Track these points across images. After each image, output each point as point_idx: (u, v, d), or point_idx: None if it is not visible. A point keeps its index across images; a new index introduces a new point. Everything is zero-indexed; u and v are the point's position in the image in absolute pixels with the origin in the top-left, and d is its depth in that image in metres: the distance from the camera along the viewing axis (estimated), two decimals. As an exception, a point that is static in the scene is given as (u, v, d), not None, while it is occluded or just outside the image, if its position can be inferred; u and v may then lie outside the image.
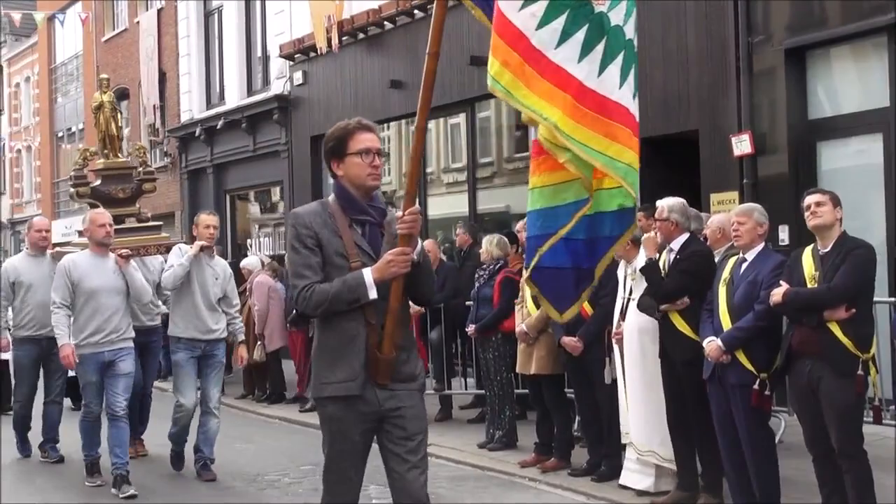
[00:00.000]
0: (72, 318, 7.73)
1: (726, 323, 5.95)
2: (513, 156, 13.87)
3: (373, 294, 3.95)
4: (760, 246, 6.04)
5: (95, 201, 9.83)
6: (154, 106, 22.96)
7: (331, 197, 4.18)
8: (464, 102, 13.85)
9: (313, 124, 17.06)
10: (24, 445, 9.31)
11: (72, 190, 10.31)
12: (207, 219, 8.08)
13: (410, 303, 4.26)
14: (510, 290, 8.64)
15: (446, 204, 14.88)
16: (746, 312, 5.87)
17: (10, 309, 9.00)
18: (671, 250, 6.59)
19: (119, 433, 7.63)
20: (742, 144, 9.64)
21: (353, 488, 4.16)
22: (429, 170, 15.03)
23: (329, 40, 15.40)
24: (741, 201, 9.10)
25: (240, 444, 9.65)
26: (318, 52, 16.21)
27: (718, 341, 5.92)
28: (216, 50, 21.02)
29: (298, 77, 17.35)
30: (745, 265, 6.00)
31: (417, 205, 4.04)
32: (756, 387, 5.80)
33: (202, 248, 7.91)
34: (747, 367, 5.86)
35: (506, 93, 4.46)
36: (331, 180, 4.19)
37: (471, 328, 9.02)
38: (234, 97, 19.74)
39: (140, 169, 10.32)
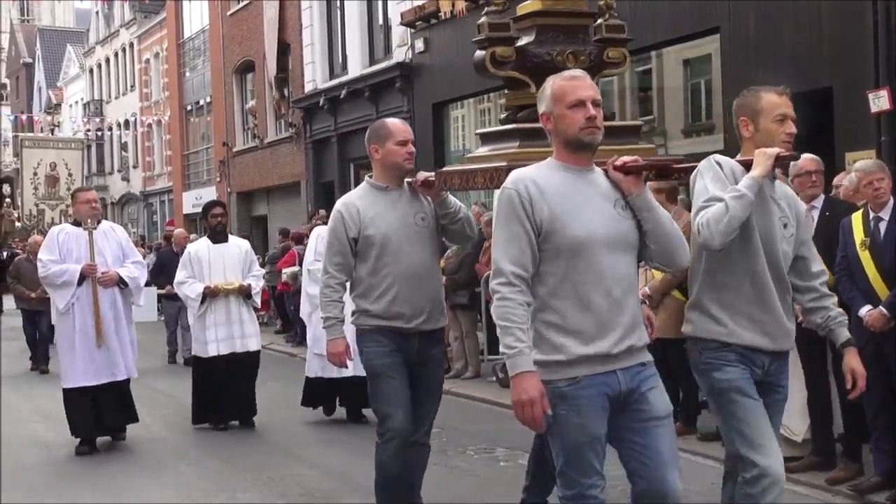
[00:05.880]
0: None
1: (881, 289, 5.66)
2: (636, 119, 13.63)
3: None
4: (892, 202, 5.76)
5: (521, 74, 5.12)
6: (276, 77, 23.38)
7: None
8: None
9: (435, 91, 17.09)
10: None
11: (480, 53, 5.18)
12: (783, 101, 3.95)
13: None
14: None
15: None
16: None
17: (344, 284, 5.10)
18: (880, 219, 5.80)
19: None
20: (879, 101, 9.26)
21: None
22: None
23: (453, 4, 15.37)
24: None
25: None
26: (440, 19, 16.20)
27: (882, 308, 5.61)
28: (338, 19, 21.23)
29: (420, 44, 17.40)
30: (883, 225, 5.73)
31: None
32: None
33: (779, 159, 3.84)
34: None
35: None
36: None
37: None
38: (357, 66, 19.92)
39: (602, 21, 5.28)
